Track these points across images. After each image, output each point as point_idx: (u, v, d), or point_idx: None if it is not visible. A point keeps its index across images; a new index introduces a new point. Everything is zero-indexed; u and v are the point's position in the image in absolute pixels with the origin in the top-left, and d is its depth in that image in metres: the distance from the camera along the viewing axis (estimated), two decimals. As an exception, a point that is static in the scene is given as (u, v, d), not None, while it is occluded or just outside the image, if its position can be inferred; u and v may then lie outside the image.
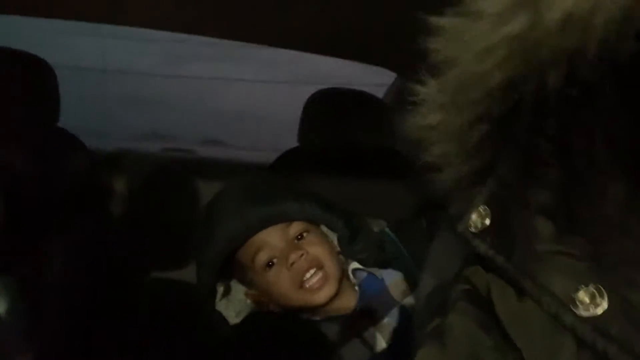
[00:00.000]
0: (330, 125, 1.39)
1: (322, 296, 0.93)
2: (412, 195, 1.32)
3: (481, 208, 0.36)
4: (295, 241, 0.96)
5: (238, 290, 1.01)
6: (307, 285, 0.93)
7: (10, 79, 1.23)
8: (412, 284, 0.97)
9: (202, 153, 1.80)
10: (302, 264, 0.93)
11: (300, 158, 1.35)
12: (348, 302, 0.96)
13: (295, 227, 0.97)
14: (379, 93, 1.65)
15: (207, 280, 1.00)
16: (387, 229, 1.04)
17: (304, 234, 0.97)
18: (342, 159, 1.34)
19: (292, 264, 0.93)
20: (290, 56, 1.53)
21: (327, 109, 1.41)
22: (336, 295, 0.95)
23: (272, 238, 0.95)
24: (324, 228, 1.02)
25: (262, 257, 0.95)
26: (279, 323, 0.96)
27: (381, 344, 0.92)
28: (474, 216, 0.36)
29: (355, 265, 1.00)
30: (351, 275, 0.99)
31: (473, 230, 0.36)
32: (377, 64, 1.57)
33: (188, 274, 1.33)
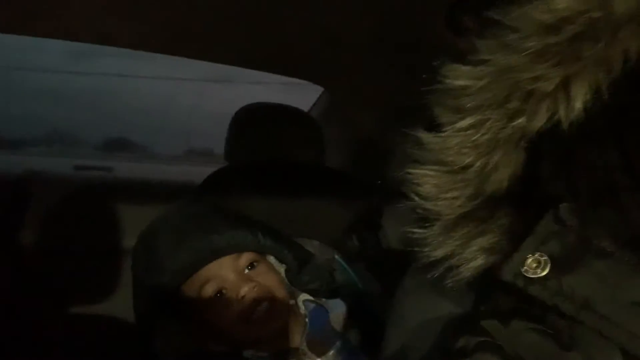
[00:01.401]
0: (258, 141, 1.36)
1: (270, 329, 0.91)
2: (343, 213, 1.32)
3: (538, 254, 0.34)
4: (245, 271, 0.92)
5: (176, 326, 0.96)
6: (255, 318, 0.89)
7: None
8: (362, 311, 0.97)
9: (117, 171, 1.70)
10: (252, 296, 0.89)
11: (229, 178, 1.30)
12: (296, 334, 0.94)
13: (246, 258, 0.93)
14: (286, 92, 1.63)
15: (147, 315, 0.94)
16: (337, 257, 1.03)
17: (254, 264, 0.93)
18: (271, 176, 1.31)
19: (243, 296, 0.89)
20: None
21: (253, 125, 1.37)
22: (284, 328, 0.92)
23: (221, 269, 0.91)
24: (271, 258, 0.98)
25: (210, 289, 0.90)
26: None
27: None
28: (529, 261, 0.35)
29: (305, 296, 0.98)
30: (301, 307, 0.97)
31: (530, 275, 0.34)
32: (303, 78, 1.55)
33: (107, 308, 1.26)
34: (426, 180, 0.37)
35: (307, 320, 0.95)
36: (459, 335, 0.37)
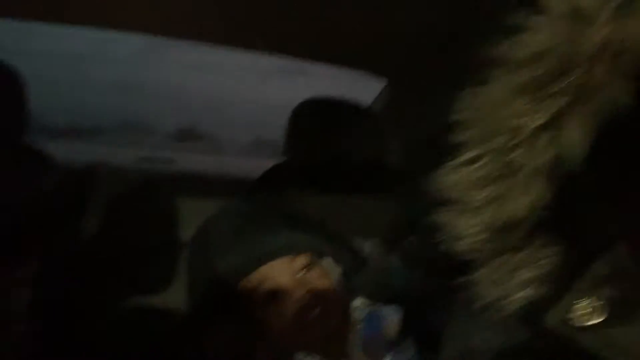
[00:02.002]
0: (317, 138, 1.34)
1: (322, 334, 0.89)
2: (401, 214, 1.28)
3: (592, 299, 0.32)
4: (300, 274, 0.90)
5: (227, 325, 0.95)
6: (308, 322, 0.87)
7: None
8: (418, 319, 0.93)
9: (181, 162, 1.73)
10: (306, 300, 0.88)
11: (285, 174, 1.29)
12: (349, 340, 0.92)
13: (301, 260, 0.91)
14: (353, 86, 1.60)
15: (199, 312, 0.94)
16: (394, 260, 0.99)
17: (309, 267, 0.91)
18: (328, 174, 1.29)
19: (297, 300, 0.87)
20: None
21: (313, 120, 1.35)
22: (337, 333, 0.90)
23: (276, 271, 0.90)
24: (327, 260, 0.96)
25: (263, 290, 0.89)
26: None
27: None
28: (581, 306, 0.33)
29: (359, 301, 0.95)
30: (355, 312, 0.94)
31: (582, 323, 0.32)
32: (366, 72, 1.51)
33: (165, 300, 1.28)
34: (448, 221, 0.37)
35: (361, 326, 0.93)
36: None
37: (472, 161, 0.36)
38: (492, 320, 0.37)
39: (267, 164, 1.33)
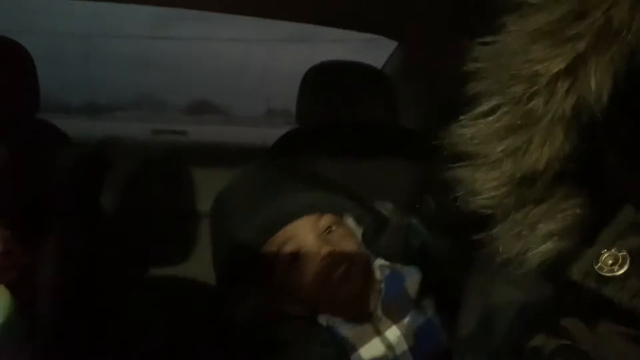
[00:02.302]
0: (329, 102, 1.32)
1: (347, 292, 0.89)
2: (418, 174, 1.27)
3: (615, 249, 0.31)
4: (324, 234, 0.90)
5: (253, 288, 0.95)
6: (333, 280, 0.88)
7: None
8: (437, 279, 0.94)
9: (193, 134, 1.73)
10: (331, 259, 0.88)
11: (299, 140, 1.28)
12: (371, 300, 0.92)
13: (325, 219, 0.91)
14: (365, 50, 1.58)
15: (225, 276, 0.95)
16: (413, 221, 0.99)
17: (333, 227, 0.91)
18: (343, 137, 1.28)
19: (322, 258, 0.88)
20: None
21: (325, 85, 1.33)
22: (360, 292, 0.91)
23: (301, 230, 0.90)
24: (349, 221, 0.96)
25: (288, 249, 0.89)
26: (295, 328, 0.91)
27: (402, 344, 0.88)
28: (604, 257, 0.32)
29: (380, 261, 0.95)
30: (377, 272, 0.94)
31: (605, 273, 0.31)
32: (377, 32, 1.48)
33: (185, 270, 1.29)
34: (466, 176, 0.36)
35: (382, 286, 0.93)
36: (533, 330, 0.34)
37: (489, 112, 0.34)
38: (514, 275, 0.36)
39: (281, 131, 1.32)
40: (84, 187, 1.16)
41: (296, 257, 0.89)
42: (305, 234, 0.89)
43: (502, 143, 0.34)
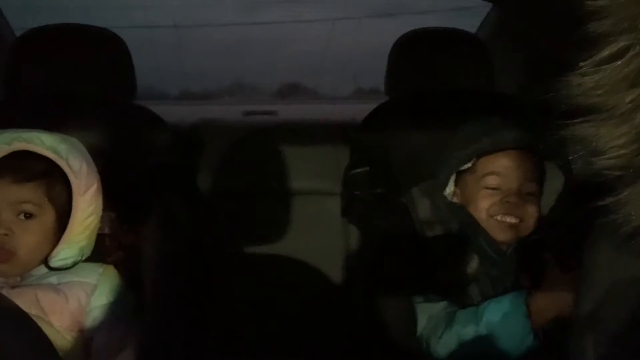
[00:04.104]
0: (419, 72, 1.27)
1: (501, 238, 0.99)
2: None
3: None
4: (525, 185, 0.99)
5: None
6: (498, 220, 0.99)
7: (84, 57, 1.20)
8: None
9: (282, 114, 1.74)
10: (510, 207, 0.98)
11: (391, 112, 1.24)
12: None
13: (529, 166, 0.99)
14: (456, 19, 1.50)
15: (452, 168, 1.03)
16: None
17: (533, 180, 1.00)
18: (437, 107, 1.22)
19: (507, 201, 0.98)
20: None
21: (414, 54, 1.28)
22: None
23: (511, 171, 0.98)
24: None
25: (491, 181, 0.99)
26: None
27: None
28: None
29: None
30: None
31: None
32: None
33: (279, 248, 1.31)
34: (588, 132, 0.31)
35: None
36: None
37: (617, 56, 0.30)
38: None
39: (369, 107, 1.29)
40: (180, 168, 1.19)
41: (491, 188, 1.00)
42: (510, 173, 0.99)
43: (632, 92, 0.30)
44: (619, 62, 0.29)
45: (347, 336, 1.15)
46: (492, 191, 0.99)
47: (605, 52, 0.30)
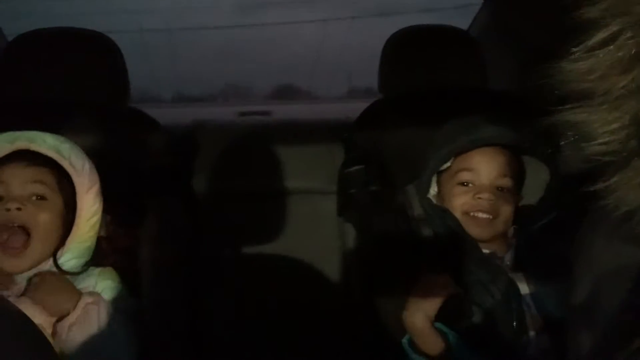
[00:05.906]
0: (412, 69, 1.27)
1: (477, 234, 0.97)
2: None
3: None
4: (498, 180, 0.97)
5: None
6: (472, 217, 0.97)
7: (77, 61, 1.20)
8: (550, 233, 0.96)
9: (277, 114, 1.74)
10: (483, 203, 0.96)
11: (385, 111, 1.24)
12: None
13: (502, 161, 0.98)
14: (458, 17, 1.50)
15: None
16: None
17: (506, 176, 0.98)
18: (430, 104, 1.22)
19: (480, 197, 0.96)
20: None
21: (406, 51, 1.28)
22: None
23: (483, 167, 0.98)
24: None
25: (464, 177, 0.98)
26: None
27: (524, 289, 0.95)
28: None
29: None
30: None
31: None
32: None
33: (276, 247, 1.31)
34: (580, 118, 0.31)
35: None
36: None
37: (609, 40, 0.30)
38: (635, 232, 0.32)
39: (362, 106, 1.29)
40: (176, 170, 1.19)
41: (464, 184, 0.98)
42: (486, 172, 0.97)
43: (624, 76, 0.29)
44: (611, 47, 0.29)
45: (344, 335, 1.15)
46: (465, 187, 0.98)
47: (598, 37, 0.30)
